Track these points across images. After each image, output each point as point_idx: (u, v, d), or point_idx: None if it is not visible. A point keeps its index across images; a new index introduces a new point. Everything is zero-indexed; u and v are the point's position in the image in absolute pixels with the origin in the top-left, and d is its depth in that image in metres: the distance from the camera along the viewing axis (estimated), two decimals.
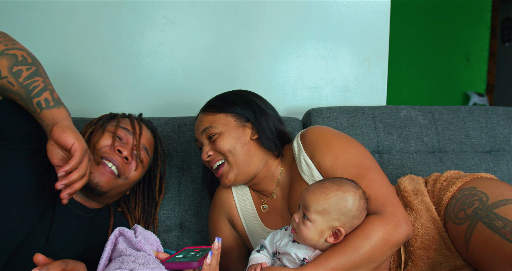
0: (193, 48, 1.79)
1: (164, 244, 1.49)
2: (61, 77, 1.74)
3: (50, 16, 1.72)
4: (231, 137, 1.23)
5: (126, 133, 1.22)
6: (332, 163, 1.14)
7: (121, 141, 1.21)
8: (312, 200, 0.99)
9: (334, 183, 1.02)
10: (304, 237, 1.00)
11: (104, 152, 1.16)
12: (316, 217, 0.98)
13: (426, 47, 4.24)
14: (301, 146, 1.21)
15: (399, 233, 1.02)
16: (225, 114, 1.26)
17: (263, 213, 1.29)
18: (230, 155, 1.21)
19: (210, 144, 1.24)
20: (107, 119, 1.28)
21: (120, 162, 1.17)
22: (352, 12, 1.82)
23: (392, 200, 1.08)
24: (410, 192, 1.20)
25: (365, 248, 0.98)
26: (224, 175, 1.23)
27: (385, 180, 1.13)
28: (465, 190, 1.13)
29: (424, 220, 1.13)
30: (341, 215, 0.98)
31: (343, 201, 0.98)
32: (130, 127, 1.25)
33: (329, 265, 0.97)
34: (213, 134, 1.23)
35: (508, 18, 4.51)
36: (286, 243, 1.05)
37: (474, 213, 1.04)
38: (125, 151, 1.18)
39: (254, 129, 1.26)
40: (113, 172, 1.16)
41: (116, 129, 1.21)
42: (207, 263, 0.95)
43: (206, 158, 1.24)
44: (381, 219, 1.02)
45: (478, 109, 1.67)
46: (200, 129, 1.26)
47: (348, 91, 1.86)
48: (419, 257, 1.10)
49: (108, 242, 0.98)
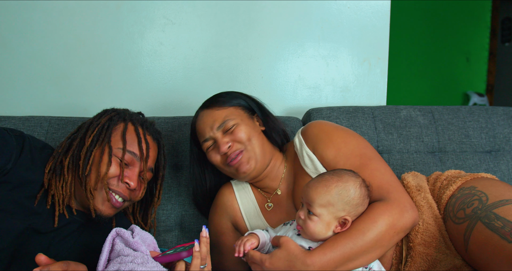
0: (193, 48, 1.79)
1: (164, 244, 1.49)
2: (61, 77, 1.75)
3: (50, 16, 1.72)
4: (248, 126, 1.24)
5: (133, 159, 1.19)
6: (335, 154, 1.16)
7: (128, 166, 1.18)
8: (314, 195, 1.00)
9: (334, 175, 1.03)
10: (312, 232, 1.00)
11: (112, 184, 1.15)
12: (321, 210, 1.00)
13: (426, 47, 4.24)
14: (302, 141, 1.23)
15: (405, 217, 1.03)
16: (234, 107, 1.27)
17: (267, 211, 1.29)
18: (249, 143, 1.22)
19: (226, 136, 1.22)
20: (110, 130, 1.20)
21: (127, 193, 1.17)
22: (352, 12, 1.82)
23: (396, 187, 1.09)
24: (413, 187, 1.20)
25: (372, 232, 0.99)
26: (244, 162, 1.21)
27: (387, 168, 1.14)
28: (465, 189, 1.13)
29: (425, 217, 1.13)
30: (345, 204, 1.00)
31: (345, 190, 1.00)
32: (137, 149, 1.20)
33: (337, 249, 0.98)
34: (231, 127, 1.22)
35: (508, 18, 4.51)
36: (291, 235, 1.06)
37: (473, 213, 1.04)
38: (132, 182, 1.16)
39: (260, 121, 1.31)
40: (120, 203, 1.17)
41: (123, 156, 1.16)
42: (196, 249, 0.95)
43: (226, 149, 1.21)
44: (386, 205, 1.03)
45: (478, 109, 1.67)
46: (215, 126, 1.23)
47: (348, 91, 1.86)
48: (419, 253, 1.10)
49: (106, 243, 0.99)
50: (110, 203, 1.14)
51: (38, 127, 1.51)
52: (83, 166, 1.14)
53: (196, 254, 0.95)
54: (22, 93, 1.74)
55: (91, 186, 1.13)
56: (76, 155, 1.18)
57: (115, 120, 1.23)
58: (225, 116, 1.24)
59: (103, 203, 1.14)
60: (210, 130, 1.24)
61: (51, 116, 1.57)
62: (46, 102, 1.75)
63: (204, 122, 1.26)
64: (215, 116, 1.24)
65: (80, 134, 1.21)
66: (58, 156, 1.17)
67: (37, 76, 1.73)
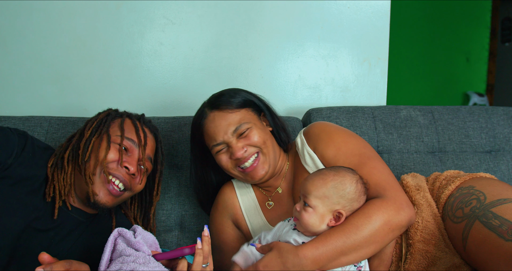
0: (193, 48, 1.79)
1: (164, 244, 1.49)
2: (61, 77, 1.75)
3: (50, 16, 1.72)
4: (260, 128, 1.24)
5: (131, 145, 1.21)
6: (334, 153, 1.18)
7: (127, 152, 1.20)
8: (311, 187, 1.02)
9: (331, 170, 1.05)
10: (306, 223, 1.01)
11: (112, 168, 1.16)
12: (316, 202, 1.01)
13: (426, 47, 4.24)
14: (304, 141, 1.25)
15: (401, 215, 1.03)
16: (246, 109, 1.25)
17: (268, 210, 1.30)
18: (264, 146, 1.22)
19: (240, 140, 1.21)
20: (109, 122, 1.25)
21: (127, 178, 1.18)
22: (352, 12, 1.82)
23: (393, 185, 1.09)
24: (412, 187, 1.21)
25: (366, 227, 0.99)
26: (259, 166, 1.21)
27: (385, 167, 1.15)
28: (463, 189, 1.14)
29: (425, 214, 1.14)
30: (340, 197, 1.01)
31: (341, 184, 1.01)
32: (135, 137, 1.22)
33: (329, 243, 0.98)
34: (245, 130, 1.21)
35: (508, 18, 4.51)
36: (287, 230, 1.07)
37: (471, 212, 1.05)
38: (131, 167, 1.17)
39: (267, 121, 1.31)
40: (120, 189, 1.17)
41: (122, 141, 1.19)
42: (198, 247, 0.96)
43: (242, 155, 1.20)
44: (382, 201, 1.03)
45: (478, 109, 1.67)
46: (230, 130, 1.20)
47: (348, 91, 1.86)
48: (418, 250, 1.11)
49: (108, 243, 0.99)
50: (108, 190, 1.14)
51: (38, 127, 1.51)
52: (83, 154, 1.16)
53: (199, 252, 0.96)
54: (22, 93, 1.74)
55: (90, 171, 1.14)
56: (75, 147, 1.20)
57: (113, 115, 1.27)
58: (239, 120, 1.21)
59: (101, 188, 1.14)
60: (224, 135, 1.21)
61: (51, 116, 1.57)
62: (46, 102, 1.75)
63: (217, 126, 1.22)
64: (228, 120, 1.21)
65: (79, 131, 1.25)
66: (59, 153, 1.21)
67: (37, 76, 1.73)
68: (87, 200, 1.15)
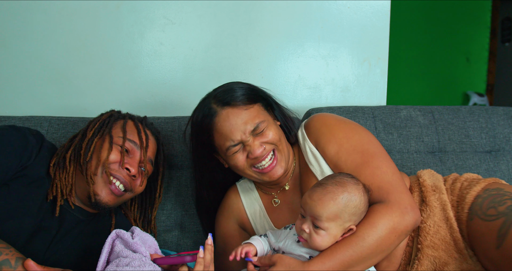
0: (193, 48, 1.79)
1: (164, 244, 1.49)
2: (61, 77, 1.75)
3: (50, 16, 1.72)
4: (274, 124, 1.20)
5: (133, 147, 1.22)
6: (336, 150, 1.14)
7: (128, 153, 1.21)
8: (321, 209, 0.97)
9: (337, 185, 0.99)
10: (319, 246, 0.98)
11: (113, 169, 1.17)
12: (329, 224, 0.97)
13: (426, 47, 4.24)
14: (305, 135, 1.22)
15: (406, 220, 1.00)
16: (258, 105, 1.20)
17: (273, 211, 1.28)
18: (279, 143, 1.18)
19: (256, 138, 1.15)
20: (111, 123, 1.25)
21: (128, 180, 1.19)
22: (352, 12, 1.82)
23: (397, 187, 1.06)
24: (428, 187, 1.18)
25: (372, 237, 0.97)
26: (278, 165, 1.17)
27: (390, 165, 1.11)
28: (491, 190, 1.12)
29: (437, 219, 1.12)
30: (351, 215, 0.98)
31: (351, 201, 0.98)
32: (137, 139, 1.23)
33: (336, 257, 0.96)
34: (263, 128, 1.15)
35: (508, 18, 4.51)
36: (290, 243, 1.04)
37: (508, 210, 1.02)
38: (132, 168, 1.18)
39: (274, 115, 1.26)
40: (120, 190, 1.18)
41: (123, 143, 1.20)
42: (200, 255, 0.95)
43: (261, 153, 1.14)
44: (386, 207, 1.01)
45: (478, 109, 1.67)
46: (248, 130, 1.13)
47: (348, 91, 1.86)
48: (426, 255, 1.09)
49: (105, 244, 0.99)
50: (110, 189, 1.15)
51: (38, 127, 1.51)
52: (84, 154, 1.18)
53: (200, 261, 0.95)
54: (22, 93, 1.74)
55: (91, 171, 1.15)
56: (77, 147, 1.22)
57: (116, 116, 1.29)
58: (255, 117, 1.14)
59: (103, 188, 1.15)
60: (242, 134, 1.13)
61: (51, 116, 1.57)
62: (46, 102, 1.75)
63: (232, 124, 1.13)
64: (245, 118, 1.14)
65: (82, 131, 1.26)
66: (61, 152, 1.22)
67: (37, 76, 1.73)
68: (88, 200, 1.16)
